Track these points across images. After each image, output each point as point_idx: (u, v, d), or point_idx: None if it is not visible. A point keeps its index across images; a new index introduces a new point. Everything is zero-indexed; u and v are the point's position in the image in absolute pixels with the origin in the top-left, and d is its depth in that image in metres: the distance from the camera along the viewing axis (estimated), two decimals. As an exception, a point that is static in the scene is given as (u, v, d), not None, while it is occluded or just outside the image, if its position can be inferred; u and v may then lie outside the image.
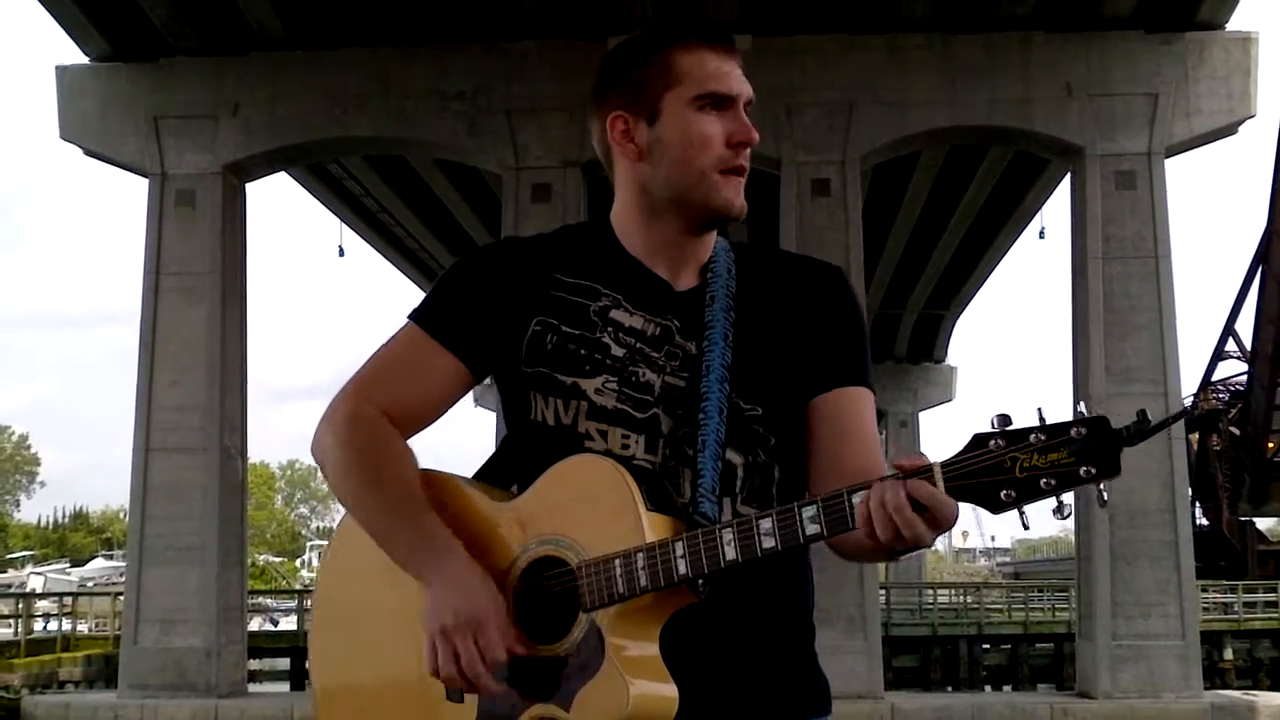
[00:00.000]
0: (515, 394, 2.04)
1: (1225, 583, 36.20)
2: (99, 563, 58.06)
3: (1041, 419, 1.66)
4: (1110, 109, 17.71)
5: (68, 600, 31.52)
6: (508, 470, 2.04)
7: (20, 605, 29.64)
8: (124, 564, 27.35)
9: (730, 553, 1.79)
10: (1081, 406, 1.65)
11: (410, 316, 2.09)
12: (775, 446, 2.00)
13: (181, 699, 17.37)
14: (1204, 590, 30.57)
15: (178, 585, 17.68)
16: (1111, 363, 17.19)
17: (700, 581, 1.83)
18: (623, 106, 2.03)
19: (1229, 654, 32.31)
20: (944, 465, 1.69)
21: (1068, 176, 19.06)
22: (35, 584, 44.81)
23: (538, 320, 2.02)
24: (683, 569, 1.80)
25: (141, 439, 18.05)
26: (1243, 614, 34.44)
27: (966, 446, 1.69)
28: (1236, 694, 19.85)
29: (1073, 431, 1.64)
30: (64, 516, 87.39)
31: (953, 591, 40.06)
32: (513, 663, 1.88)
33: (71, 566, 58.07)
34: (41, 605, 32.88)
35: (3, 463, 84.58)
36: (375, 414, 2.03)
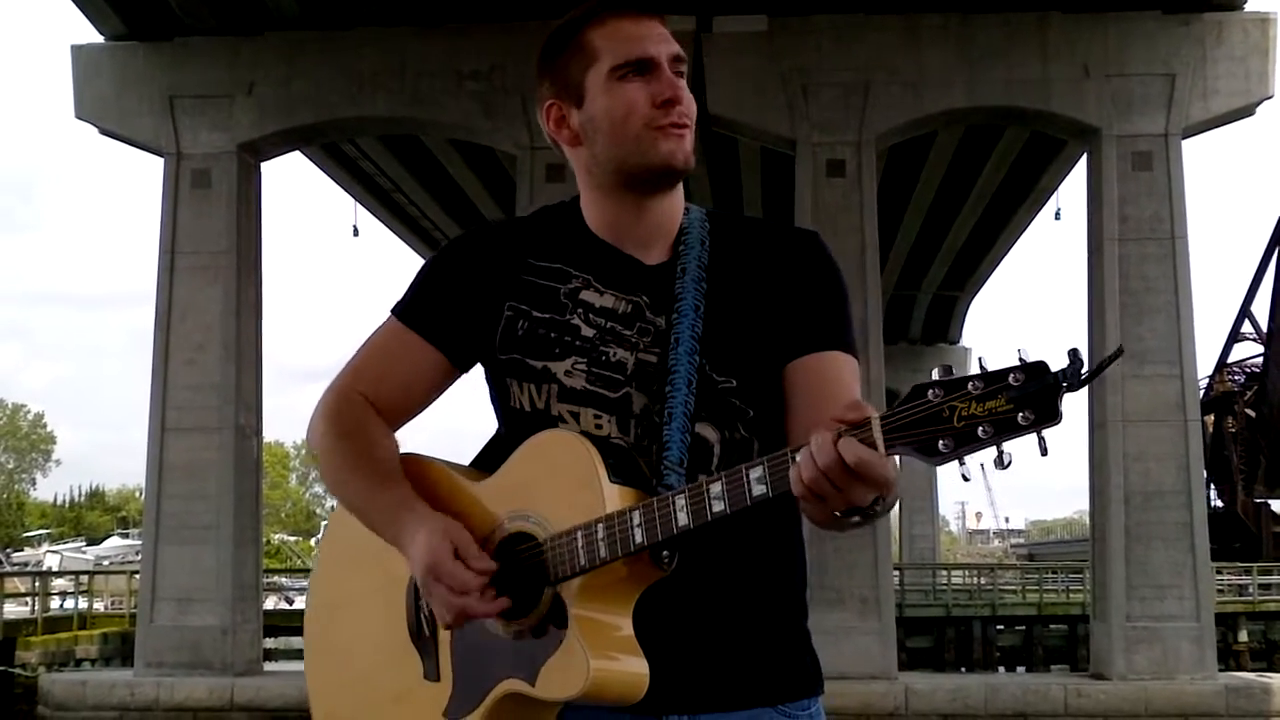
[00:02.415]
0: (497, 382, 2.06)
1: (1240, 565, 36.23)
2: (115, 541, 58.21)
3: (982, 367, 1.60)
4: (1127, 90, 17.62)
5: (84, 578, 31.63)
6: (497, 460, 2.03)
7: (37, 583, 29.70)
8: (140, 542, 27.44)
9: (683, 518, 1.76)
10: (1022, 352, 1.58)
11: (392, 310, 2.11)
12: (754, 420, 1.97)
13: (197, 677, 17.47)
14: (1219, 572, 30.58)
15: (194, 564, 17.76)
16: (1127, 345, 17.09)
17: (665, 554, 1.83)
18: (554, 95, 2.04)
19: (1243, 636, 32.33)
20: (882, 417, 1.64)
21: (1084, 157, 18.98)
22: (52, 562, 44.95)
23: (509, 306, 2.02)
24: (639, 537, 1.79)
25: (157, 418, 18.11)
26: (1257, 596, 34.46)
27: (905, 397, 1.63)
28: (1251, 676, 19.80)
29: (1010, 378, 1.56)
30: (80, 495, 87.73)
31: (967, 573, 40.06)
32: (484, 639, 1.91)
33: (88, 545, 58.21)
34: (58, 583, 32.99)
35: (19, 441, 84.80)
36: (359, 400, 2.06)
